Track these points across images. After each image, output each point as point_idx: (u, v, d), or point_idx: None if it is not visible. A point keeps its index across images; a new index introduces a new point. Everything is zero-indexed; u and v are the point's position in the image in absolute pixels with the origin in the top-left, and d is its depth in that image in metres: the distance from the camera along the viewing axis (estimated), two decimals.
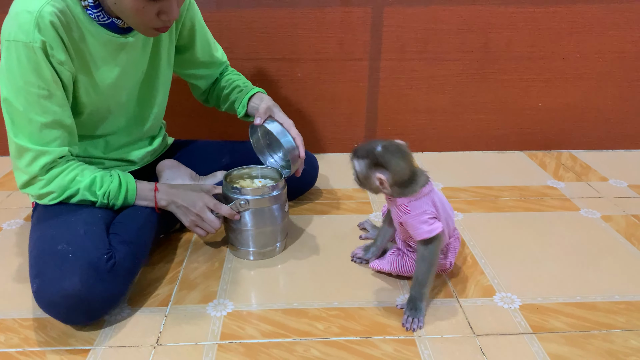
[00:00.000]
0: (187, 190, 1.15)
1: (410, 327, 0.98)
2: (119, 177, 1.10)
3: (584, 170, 1.74)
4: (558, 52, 1.77)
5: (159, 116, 1.32)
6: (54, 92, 0.99)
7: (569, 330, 0.99)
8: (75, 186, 1.05)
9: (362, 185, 1.02)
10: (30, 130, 0.99)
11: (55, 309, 0.93)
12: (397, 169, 0.97)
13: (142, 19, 1.00)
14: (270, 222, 1.17)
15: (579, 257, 1.22)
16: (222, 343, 0.95)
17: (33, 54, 0.95)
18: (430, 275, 1.00)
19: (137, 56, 1.15)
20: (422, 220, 0.99)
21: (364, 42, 1.73)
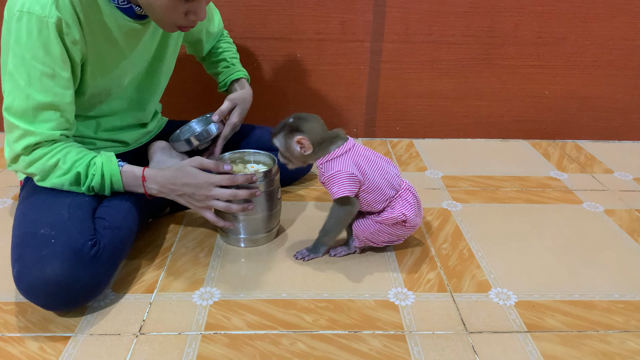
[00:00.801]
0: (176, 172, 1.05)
1: (299, 256, 1.13)
2: (101, 170, 1.01)
3: (588, 162, 1.69)
4: (567, 39, 1.71)
5: (157, 102, 1.30)
6: (59, 72, 0.95)
7: (564, 329, 0.95)
8: (59, 180, 1.00)
9: (289, 160, 1.08)
10: (25, 107, 0.95)
11: (35, 295, 0.90)
12: (311, 129, 1.04)
13: (169, 17, 0.98)
14: (261, 208, 1.13)
15: (579, 252, 1.19)
16: (206, 333, 0.92)
17: (46, 29, 0.91)
18: (334, 230, 1.10)
19: (146, 43, 1.13)
20: (334, 181, 1.04)
21: (365, 23, 1.67)
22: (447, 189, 1.48)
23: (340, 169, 1.03)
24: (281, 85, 1.76)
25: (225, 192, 1.04)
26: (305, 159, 1.07)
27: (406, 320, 0.96)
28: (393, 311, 0.98)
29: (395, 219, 1.07)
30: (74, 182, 1.02)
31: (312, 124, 1.05)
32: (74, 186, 1.02)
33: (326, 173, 1.05)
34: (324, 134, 1.06)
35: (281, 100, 1.77)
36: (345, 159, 1.04)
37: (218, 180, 1.03)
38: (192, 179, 1.03)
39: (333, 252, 1.15)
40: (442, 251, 1.18)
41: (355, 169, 1.04)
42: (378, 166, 1.07)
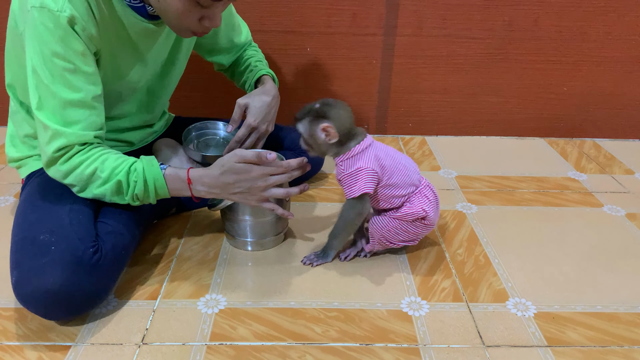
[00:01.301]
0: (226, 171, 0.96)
1: (307, 261, 1.08)
2: (144, 176, 0.94)
3: (608, 162, 1.63)
4: (588, 33, 1.64)
5: (166, 103, 1.27)
6: (80, 67, 0.90)
7: (587, 344, 0.91)
8: (100, 190, 0.95)
9: (311, 147, 1.04)
10: (53, 106, 0.90)
11: (34, 305, 0.86)
12: (338, 116, 1.00)
13: (183, 22, 0.95)
14: (269, 211, 1.09)
15: (601, 260, 1.13)
16: (212, 344, 0.88)
17: (59, 23, 0.87)
18: (344, 232, 1.06)
19: (159, 45, 1.09)
20: (354, 179, 1.00)
21: (378, 16, 1.62)
22: (461, 189, 1.43)
23: (362, 165, 1.00)
24: (290, 80, 1.70)
25: (282, 177, 0.99)
26: (328, 147, 1.02)
27: (420, 333, 0.92)
28: (406, 322, 0.94)
29: (415, 215, 1.03)
30: (116, 192, 0.95)
31: (339, 111, 1.01)
32: (116, 196, 0.96)
33: (346, 170, 1.01)
34: (350, 125, 1.01)
35: (290, 96, 1.72)
36: (366, 154, 1.01)
37: (272, 170, 0.98)
38: (245, 174, 0.96)
39: (343, 256, 1.11)
40: (457, 257, 1.13)
41: (376, 164, 1.01)
42: (397, 161, 1.04)
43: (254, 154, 0.97)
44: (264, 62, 1.33)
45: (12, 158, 1.11)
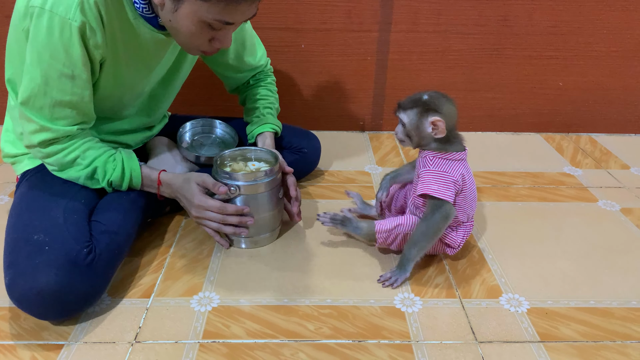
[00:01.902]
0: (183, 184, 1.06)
1: (386, 282, 1.00)
2: (122, 165, 1.03)
3: (604, 156, 1.63)
4: (584, 28, 1.64)
5: (167, 108, 1.27)
6: (79, 74, 0.92)
7: (580, 339, 0.91)
8: (76, 174, 1.01)
9: (410, 138, 1.00)
10: (42, 104, 0.93)
11: (28, 305, 0.86)
12: (449, 111, 0.97)
13: (193, 42, 0.96)
14: (262, 209, 1.09)
15: (595, 255, 1.13)
16: (204, 342, 0.88)
17: (68, 31, 0.88)
18: (426, 239, 0.98)
19: (166, 54, 1.10)
20: (436, 178, 0.97)
21: (373, 12, 1.61)
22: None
23: (450, 171, 0.98)
24: (285, 76, 1.70)
25: (215, 217, 1.04)
26: (430, 141, 0.99)
27: (413, 329, 0.92)
28: (399, 319, 0.94)
29: (453, 244, 1.04)
30: (90, 177, 1.01)
31: (450, 107, 0.98)
32: (88, 180, 1.02)
33: (433, 167, 0.98)
34: (455, 124, 0.99)
35: (285, 93, 1.71)
36: (457, 166, 0.99)
37: (209, 206, 1.03)
38: (189, 196, 1.04)
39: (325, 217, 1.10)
40: None
41: (459, 180, 0.98)
42: (473, 189, 1.03)
43: (212, 184, 1.03)
44: (272, 109, 1.29)
45: (8, 154, 1.11)
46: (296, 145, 1.35)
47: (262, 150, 1.17)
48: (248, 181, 1.05)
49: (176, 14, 0.91)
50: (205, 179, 1.04)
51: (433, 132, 0.97)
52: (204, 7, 0.89)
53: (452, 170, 0.98)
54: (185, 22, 0.92)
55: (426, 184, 0.97)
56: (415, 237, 0.99)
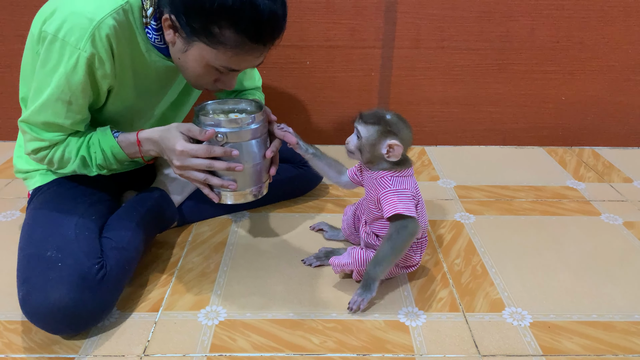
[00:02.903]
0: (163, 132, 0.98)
1: (354, 306, 0.98)
2: (100, 147, 1.00)
3: (606, 170, 1.64)
4: (584, 43, 1.66)
5: None
6: (76, 101, 0.95)
7: (582, 353, 0.92)
8: (72, 167, 1.02)
9: (361, 152, 1.00)
10: (36, 121, 0.96)
11: (40, 320, 0.89)
12: (407, 138, 0.98)
13: (198, 80, 1.00)
14: (249, 158, 0.99)
15: (597, 268, 1.14)
16: (212, 356, 0.90)
17: (75, 60, 0.91)
18: (390, 257, 0.97)
19: (177, 81, 1.13)
20: (400, 197, 0.96)
21: (376, 29, 1.64)
22: (460, 199, 1.44)
23: (409, 188, 0.99)
24: (291, 92, 1.73)
25: (201, 163, 0.95)
26: (380, 161, 0.99)
27: (417, 343, 0.93)
28: (403, 332, 0.95)
29: (412, 262, 1.05)
30: (83, 166, 1.02)
31: (408, 134, 0.98)
32: (84, 169, 1.03)
33: (393, 187, 0.98)
34: (408, 149, 1.00)
35: (291, 108, 1.75)
36: (411, 181, 1.00)
37: (194, 151, 0.94)
38: (171, 144, 0.95)
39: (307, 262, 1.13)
40: (454, 267, 1.14)
41: (415, 195, 1.00)
42: (423, 204, 1.04)
43: (198, 130, 0.95)
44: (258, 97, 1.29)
45: (20, 169, 1.14)
46: (300, 160, 1.38)
47: (244, 100, 1.08)
48: (233, 128, 0.96)
49: (185, 54, 0.94)
50: (189, 127, 0.96)
51: (387, 155, 0.97)
52: (212, 53, 0.92)
53: (409, 186, 0.99)
54: (193, 63, 0.95)
55: (393, 205, 0.96)
56: (380, 256, 0.97)
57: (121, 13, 0.93)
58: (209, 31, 0.89)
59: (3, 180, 1.52)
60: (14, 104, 1.16)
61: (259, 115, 1.00)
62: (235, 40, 0.90)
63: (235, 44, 0.90)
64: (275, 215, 1.34)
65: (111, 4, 0.92)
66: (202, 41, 0.91)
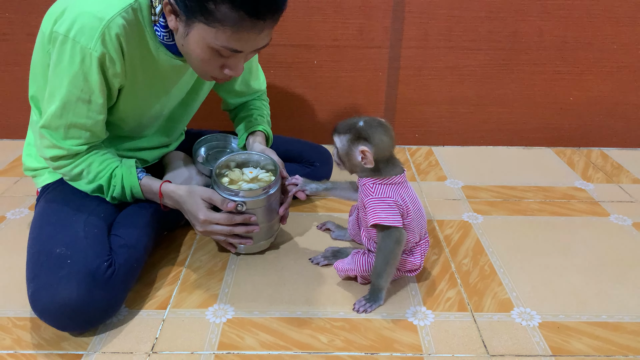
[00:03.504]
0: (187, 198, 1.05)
1: (360, 309, 0.99)
2: (122, 183, 1.04)
3: (615, 171, 1.63)
4: (594, 43, 1.65)
5: (184, 128, 1.30)
6: (95, 100, 0.96)
7: (592, 353, 0.91)
8: (85, 187, 1.05)
9: (342, 163, 1.01)
10: (57, 125, 0.97)
11: (49, 317, 0.89)
12: (380, 143, 0.96)
13: (205, 68, 0.98)
14: (265, 219, 1.09)
15: (607, 269, 1.14)
16: (219, 353, 0.90)
17: (88, 60, 0.92)
18: (387, 267, 0.97)
19: (186, 79, 1.13)
20: (382, 206, 0.96)
21: (384, 29, 1.64)
22: (467, 199, 1.44)
23: (392, 196, 0.97)
24: (298, 92, 1.73)
25: (222, 230, 1.05)
26: (361, 169, 0.99)
27: (425, 342, 0.93)
28: (411, 332, 0.95)
29: (413, 267, 1.04)
30: (98, 191, 1.06)
31: (382, 137, 0.96)
32: (97, 193, 1.06)
33: (375, 194, 0.97)
34: (390, 153, 0.98)
35: (298, 108, 1.75)
36: (397, 189, 0.98)
37: (216, 220, 1.03)
38: (195, 211, 1.03)
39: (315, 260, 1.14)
40: (462, 267, 1.14)
41: (401, 202, 0.97)
42: (419, 209, 1.01)
43: (220, 201, 1.03)
44: (266, 119, 1.30)
45: (29, 167, 1.15)
46: (308, 159, 1.38)
47: (257, 154, 1.15)
48: (252, 197, 1.05)
49: (187, 39, 0.93)
50: (211, 196, 1.03)
51: (362, 162, 0.96)
52: (212, 33, 0.90)
53: (393, 194, 0.97)
54: (195, 47, 0.93)
55: (375, 214, 0.96)
56: (377, 268, 0.98)
57: (130, 12, 0.93)
58: (205, 8, 0.87)
59: (12, 178, 1.53)
60: (24, 103, 1.16)
61: (275, 180, 1.08)
62: (232, 17, 0.87)
63: (233, 21, 0.88)
64: None
65: (120, 3, 0.92)
66: (200, 21, 0.89)
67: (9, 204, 1.38)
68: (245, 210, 1.05)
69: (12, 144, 1.76)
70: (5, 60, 1.67)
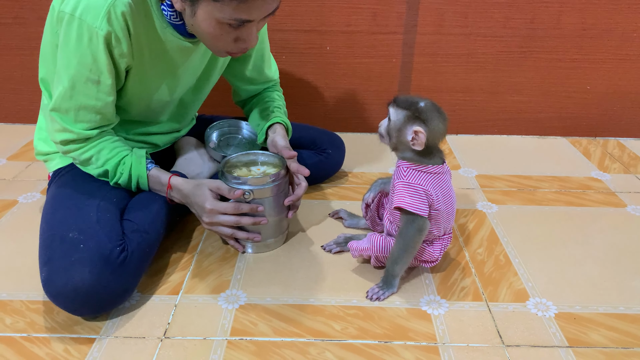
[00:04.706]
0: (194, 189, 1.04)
1: (373, 296, 0.99)
2: (130, 171, 1.03)
3: (632, 161, 1.60)
4: (613, 30, 1.62)
5: (195, 113, 1.29)
6: (104, 81, 0.95)
7: (609, 345, 0.90)
8: (92, 171, 1.04)
9: (389, 137, 0.98)
10: (67, 107, 0.96)
11: (62, 301, 0.89)
12: (435, 128, 0.94)
13: (217, 43, 0.96)
14: (273, 212, 1.08)
15: (624, 260, 1.12)
16: (232, 339, 0.90)
17: (95, 39, 0.91)
18: (405, 254, 0.97)
19: (196, 62, 1.11)
20: (410, 192, 0.95)
21: (398, 14, 1.61)
22: (481, 189, 1.42)
23: (424, 184, 0.95)
24: (310, 79, 1.71)
25: (229, 220, 1.03)
26: (406, 148, 0.96)
27: (439, 331, 0.92)
28: (425, 321, 0.94)
29: (430, 259, 1.02)
30: (103, 175, 1.05)
31: (439, 124, 0.94)
32: (102, 178, 1.05)
33: (407, 179, 0.96)
34: (439, 141, 0.97)
35: (311, 94, 1.73)
36: (432, 179, 0.96)
37: (223, 208, 1.02)
38: (201, 202, 1.02)
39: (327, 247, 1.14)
40: (477, 257, 1.12)
41: (433, 193, 0.95)
42: (451, 203, 0.99)
43: (227, 189, 1.02)
44: (283, 110, 1.28)
45: (40, 152, 1.14)
46: (320, 146, 1.36)
47: (267, 154, 1.15)
48: (258, 185, 1.04)
49: (195, 17, 0.92)
50: (219, 185, 1.03)
51: (412, 142, 0.94)
52: (217, 7, 0.88)
53: (426, 183, 0.95)
54: (205, 25, 0.92)
55: (401, 197, 0.95)
56: (394, 254, 0.97)
57: None
58: None
59: (24, 163, 1.53)
60: (35, 87, 1.16)
61: (282, 170, 1.07)
62: None
63: None
64: None
65: None
66: None
67: (21, 188, 1.38)
68: (252, 200, 1.04)
69: (24, 128, 1.76)
70: (16, 44, 1.67)
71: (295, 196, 1.10)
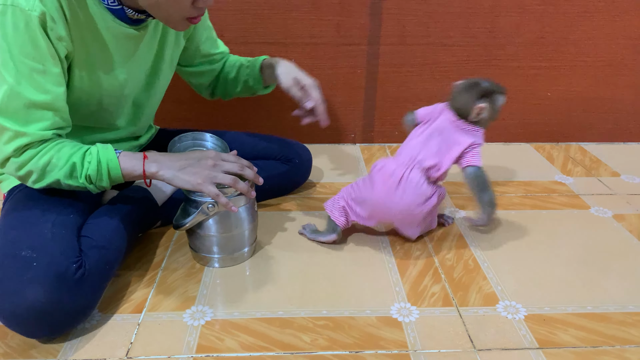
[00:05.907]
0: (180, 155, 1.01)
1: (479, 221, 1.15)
2: (97, 157, 0.94)
3: (593, 165, 1.64)
4: (569, 38, 1.66)
5: (152, 116, 1.25)
6: (50, 69, 0.89)
7: (579, 345, 0.90)
8: (55, 176, 0.94)
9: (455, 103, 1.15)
10: (15, 107, 0.88)
11: (16, 323, 0.84)
12: (497, 109, 1.15)
13: (176, 9, 0.93)
14: (237, 224, 1.06)
15: (590, 261, 1.13)
16: (198, 356, 0.86)
17: (31, 22, 0.85)
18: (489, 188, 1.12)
19: (141, 53, 1.07)
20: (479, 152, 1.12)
21: (362, 26, 1.62)
22: (449, 195, 1.42)
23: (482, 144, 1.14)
24: (275, 90, 1.70)
25: (232, 166, 1.01)
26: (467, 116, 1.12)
27: (410, 338, 0.91)
28: (396, 328, 0.93)
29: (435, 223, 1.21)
30: (69, 175, 0.94)
31: (500, 102, 1.14)
32: (69, 180, 0.94)
33: (477, 140, 1.12)
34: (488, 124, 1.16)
35: (277, 106, 1.72)
36: None
37: (226, 156, 1.03)
38: (200, 153, 1.02)
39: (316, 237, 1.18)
40: (446, 262, 1.12)
41: None
42: None
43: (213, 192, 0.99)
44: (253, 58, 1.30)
45: None
46: (287, 156, 1.35)
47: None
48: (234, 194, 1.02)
49: None
50: None
51: (475, 116, 1.10)
52: None
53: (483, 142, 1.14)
54: None
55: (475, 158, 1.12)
56: (488, 195, 1.11)
57: None
58: None
59: None
60: None
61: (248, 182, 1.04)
62: None
63: None
64: (262, 214, 1.30)
65: None
66: None
67: None
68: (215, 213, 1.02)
69: None
70: None
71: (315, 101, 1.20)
